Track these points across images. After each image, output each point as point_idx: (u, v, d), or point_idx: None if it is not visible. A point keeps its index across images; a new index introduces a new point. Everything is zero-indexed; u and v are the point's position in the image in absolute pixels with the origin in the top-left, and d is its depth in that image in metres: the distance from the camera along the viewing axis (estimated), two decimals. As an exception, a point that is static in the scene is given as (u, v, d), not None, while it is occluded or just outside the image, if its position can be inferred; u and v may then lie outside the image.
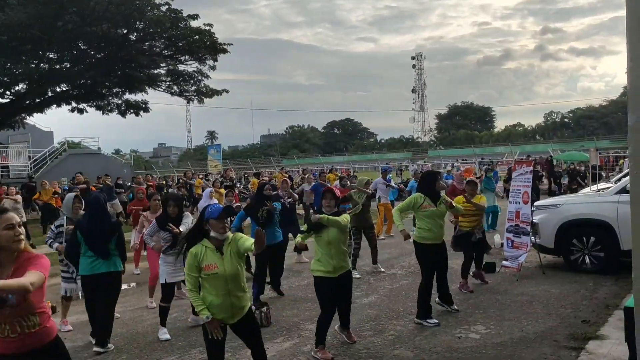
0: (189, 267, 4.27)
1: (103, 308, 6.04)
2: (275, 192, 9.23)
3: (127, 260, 6.71)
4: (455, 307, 7.07)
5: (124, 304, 8.17)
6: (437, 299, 7.06)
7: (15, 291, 2.95)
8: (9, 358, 3.19)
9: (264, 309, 6.83)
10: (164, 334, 6.46)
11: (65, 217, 6.96)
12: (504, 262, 9.17)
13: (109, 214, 6.51)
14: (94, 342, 6.21)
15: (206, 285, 4.25)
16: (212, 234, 4.29)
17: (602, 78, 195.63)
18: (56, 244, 6.81)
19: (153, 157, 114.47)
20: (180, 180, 23.61)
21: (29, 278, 3.00)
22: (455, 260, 8.59)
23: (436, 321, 6.51)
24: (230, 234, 4.38)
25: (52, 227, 7.10)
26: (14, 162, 31.41)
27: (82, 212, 6.78)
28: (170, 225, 6.59)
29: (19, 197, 14.19)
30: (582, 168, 25.92)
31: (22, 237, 3.23)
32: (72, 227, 6.49)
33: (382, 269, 9.83)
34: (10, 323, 3.13)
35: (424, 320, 6.52)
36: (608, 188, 10.12)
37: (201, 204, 11.33)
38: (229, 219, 4.44)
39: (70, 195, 7.19)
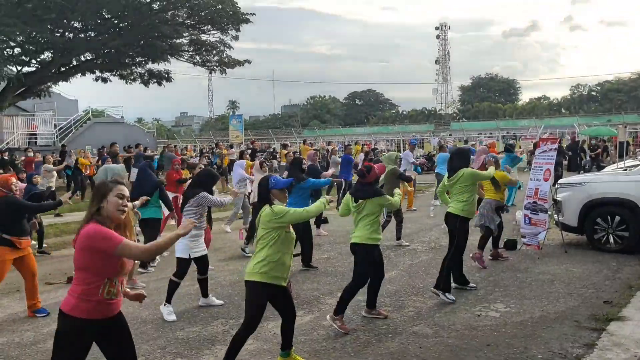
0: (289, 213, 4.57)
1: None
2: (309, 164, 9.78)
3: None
4: (473, 285, 7.09)
5: (148, 275, 8.33)
6: (453, 285, 6.96)
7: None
8: (96, 324, 3.28)
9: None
10: (170, 315, 6.21)
11: None
12: (523, 240, 9.13)
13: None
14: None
15: (284, 244, 4.55)
16: (275, 202, 4.62)
17: (633, 50, 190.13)
18: None
19: (175, 126, 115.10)
20: (218, 151, 24.18)
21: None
22: (474, 236, 8.56)
23: (453, 298, 6.55)
24: None
25: None
26: (41, 130, 31.91)
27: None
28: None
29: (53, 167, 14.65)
30: (597, 142, 25.45)
31: (125, 209, 3.42)
32: None
33: (407, 244, 9.89)
34: (120, 280, 3.37)
35: (444, 293, 6.54)
36: (635, 166, 9.93)
37: (239, 173, 11.40)
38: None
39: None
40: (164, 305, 6.32)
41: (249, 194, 11.14)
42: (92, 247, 3.20)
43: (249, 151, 16.98)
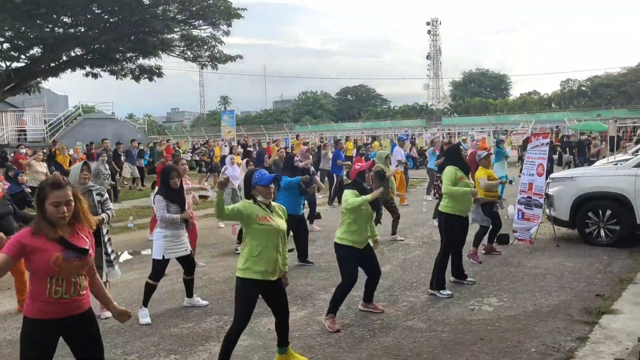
0: (237, 205, 4.49)
1: None
2: (299, 160, 9.55)
3: (144, 226, 6.82)
4: (471, 280, 7.10)
5: (140, 270, 8.29)
6: (451, 278, 7.04)
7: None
8: (51, 324, 3.20)
9: (279, 278, 6.88)
10: (145, 317, 5.92)
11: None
12: (515, 234, 9.16)
13: None
14: None
15: (261, 236, 4.40)
16: (259, 198, 4.51)
17: (622, 45, 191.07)
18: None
19: (166, 122, 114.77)
20: (204, 149, 24.12)
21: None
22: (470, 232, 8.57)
23: (450, 293, 6.54)
24: (274, 203, 4.64)
25: None
26: (30, 126, 31.63)
27: (89, 181, 5.98)
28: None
29: (44, 165, 14.44)
30: (584, 137, 25.46)
31: (66, 215, 3.21)
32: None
33: (401, 238, 9.89)
34: (69, 280, 3.18)
35: (438, 291, 6.55)
36: (626, 160, 10.00)
37: (228, 172, 11.30)
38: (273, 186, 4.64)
39: (78, 165, 6.13)
40: (140, 308, 6.05)
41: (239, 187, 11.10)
42: None
43: (239, 147, 16.98)
